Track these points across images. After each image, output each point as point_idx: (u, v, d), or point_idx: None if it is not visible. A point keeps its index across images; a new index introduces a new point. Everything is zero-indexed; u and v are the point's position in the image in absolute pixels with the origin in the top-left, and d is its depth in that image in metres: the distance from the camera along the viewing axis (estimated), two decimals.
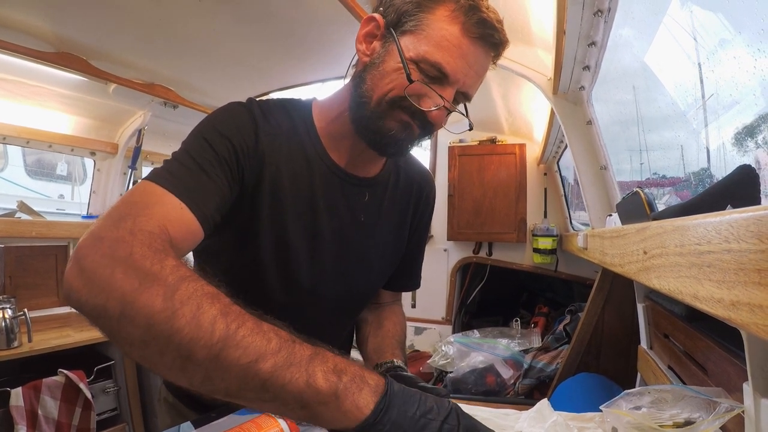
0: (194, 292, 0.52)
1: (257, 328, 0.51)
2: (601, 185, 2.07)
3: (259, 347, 0.49)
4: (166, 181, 0.68)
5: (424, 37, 0.77)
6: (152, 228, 0.60)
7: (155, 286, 0.51)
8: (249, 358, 0.49)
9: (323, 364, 0.51)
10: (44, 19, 1.88)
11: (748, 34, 1.05)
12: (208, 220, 0.71)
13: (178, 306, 0.50)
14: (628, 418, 0.78)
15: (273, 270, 0.88)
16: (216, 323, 0.49)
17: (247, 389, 0.50)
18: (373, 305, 1.16)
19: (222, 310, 0.51)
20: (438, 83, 0.79)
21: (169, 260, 0.55)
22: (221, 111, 0.84)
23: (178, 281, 0.52)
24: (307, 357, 0.51)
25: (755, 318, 0.45)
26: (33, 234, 2.49)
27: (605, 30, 1.52)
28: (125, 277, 0.51)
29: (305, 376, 0.49)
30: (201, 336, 0.49)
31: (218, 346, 0.48)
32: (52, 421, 1.95)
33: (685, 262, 0.67)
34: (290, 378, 0.49)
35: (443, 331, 3.84)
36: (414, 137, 0.85)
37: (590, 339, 2.18)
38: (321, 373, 0.50)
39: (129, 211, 0.62)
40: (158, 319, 0.49)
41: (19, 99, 2.43)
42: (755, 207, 0.49)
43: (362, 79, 0.83)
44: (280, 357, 0.50)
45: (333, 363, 0.52)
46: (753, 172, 0.78)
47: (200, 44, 2.18)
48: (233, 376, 0.49)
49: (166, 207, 0.66)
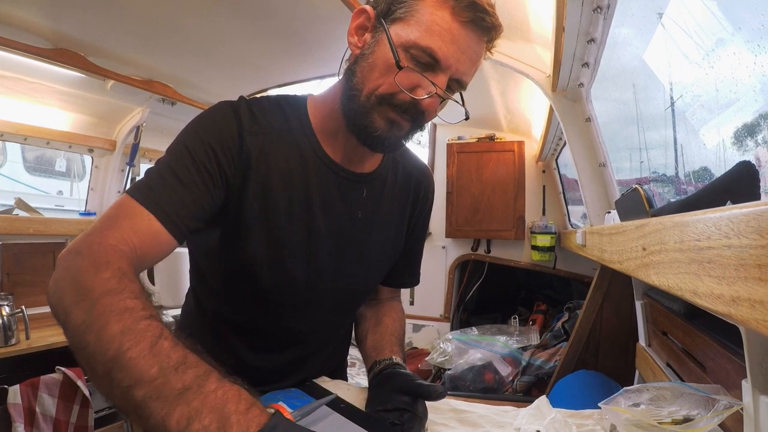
0: (108, 307, 0.54)
1: (148, 350, 0.51)
2: (599, 182, 2.07)
3: (138, 372, 0.50)
4: (140, 193, 0.72)
5: (414, 23, 0.76)
6: (112, 241, 0.65)
7: (83, 300, 0.55)
8: (127, 382, 0.50)
9: (186, 404, 0.49)
10: (42, 15, 1.87)
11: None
12: (179, 229, 0.73)
13: (91, 320, 0.53)
14: (627, 415, 0.78)
15: (266, 269, 0.87)
16: (112, 341, 0.51)
17: (128, 411, 0.51)
18: (372, 302, 1.16)
19: (124, 328, 0.52)
20: (430, 70, 0.77)
21: (104, 273, 0.58)
22: (206, 115, 0.84)
23: (100, 295, 0.55)
24: (177, 391, 0.49)
25: (755, 314, 0.45)
26: (31, 231, 2.48)
27: (604, 27, 1.51)
28: (69, 290, 0.58)
29: (163, 413, 0.48)
30: (100, 352, 0.51)
31: (110, 365, 0.50)
32: (50, 419, 1.95)
33: (685, 258, 0.67)
34: (152, 411, 0.49)
35: (441, 328, 3.85)
36: (404, 133, 0.84)
37: (588, 336, 2.19)
38: (177, 415, 0.48)
39: (101, 225, 0.68)
40: (77, 332, 0.53)
41: (17, 96, 2.41)
42: (755, 202, 0.49)
43: (353, 72, 0.82)
44: (153, 387, 0.49)
45: (198, 402, 0.49)
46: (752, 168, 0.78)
47: (198, 41, 2.17)
48: (117, 396, 0.51)
49: (134, 219, 0.69)
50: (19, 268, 2.48)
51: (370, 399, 0.90)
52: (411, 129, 0.84)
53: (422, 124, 0.85)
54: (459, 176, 3.73)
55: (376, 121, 0.80)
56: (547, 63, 1.98)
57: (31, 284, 2.50)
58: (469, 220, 3.70)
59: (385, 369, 0.93)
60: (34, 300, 2.45)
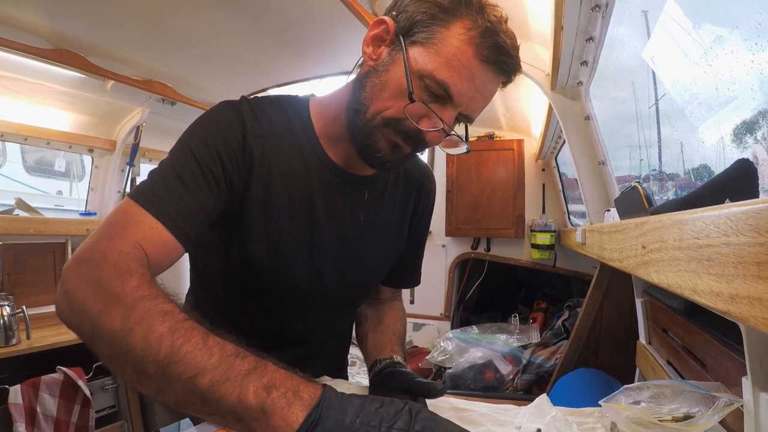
0: (147, 311, 0.56)
1: (202, 343, 0.54)
2: (599, 180, 2.07)
3: (200, 363, 0.52)
4: (145, 199, 0.71)
5: (435, 52, 0.73)
6: (126, 248, 0.65)
7: (116, 307, 0.56)
8: (189, 374, 0.52)
9: (258, 380, 0.52)
10: (42, 15, 1.87)
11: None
12: (187, 236, 0.73)
13: (132, 325, 0.54)
14: (628, 412, 0.78)
15: (267, 270, 0.87)
16: (163, 340, 0.53)
17: (191, 402, 0.53)
18: (373, 301, 1.16)
19: (171, 327, 0.54)
20: (440, 102, 0.76)
21: (132, 281, 0.59)
22: (209, 115, 0.83)
23: (135, 301, 0.57)
24: (244, 372, 0.52)
25: (754, 311, 0.45)
26: (31, 231, 2.48)
27: (603, 25, 1.51)
28: (94, 299, 0.58)
29: (237, 391, 0.51)
30: (150, 353, 0.53)
31: (164, 362, 0.52)
32: (51, 419, 1.95)
33: (684, 256, 0.67)
34: (224, 393, 0.51)
35: (442, 327, 3.85)
36: (403, 156, 0.83)
37: (589, 334, 2.19)
38: (252, 389, 0.51)
39: (108, 233, 0.67)
40: (117, 337, 0.55)
41: (16, 96, 2.41)
42: (754, 200, 0.49)
43: (362, 86, 0.80)
44: (217, 372, 0.52)
45: (269, 378, 0.52)
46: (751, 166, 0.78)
47: (198, 41, 2.17)
48: (178, 390, 0.53)
49: (143, 227, 0.69)
50: (19, 268, 2.47)
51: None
52: (411, 153, 0.83)
53: (423, 150, 0.86)
54: (459, 175, 3.73)
55: (380, 141, 0.79)
56: (546, 61, 1.98)
57: (31, 284, 2.50)
58: (469, 219, 3.70)
59: (386, 368, 0.93)
60: (35, 300, 2.45)
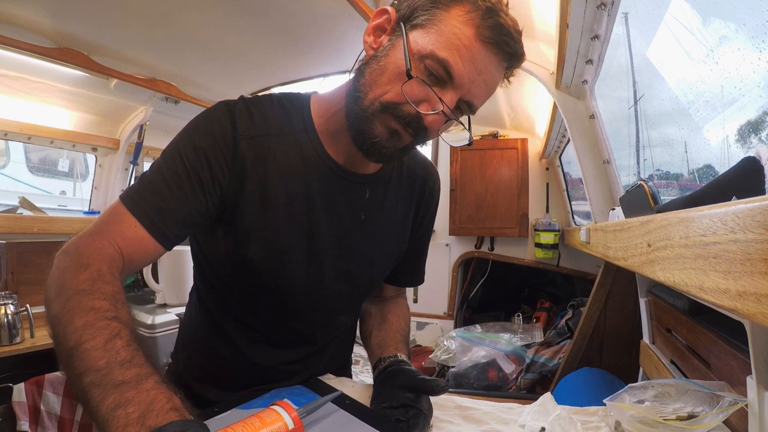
0: (77, 304, 0.61)
1: (102, 345, 0.56)
2: (603, 179, 2.07)
3: (89, 362, 0.55)
4: (129, 199, 0.76)
5: (435, 32, 0.72)
6: (100, 244, 0.71)
7: (60, 296, 0.63)
8: (79, 370, 0.55)
9: (120, 393, 0.53)
10: (45, 14, 1.87)
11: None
12: (164, 234, 0.76)
13: (62, 314, 0.60)
14: (632, 411, 0.78)
15: (266, 270, 0.86)
16: (74, 333, 0.57)
17: (78, 397, 0.56)
18: (377, 299, 1.16)
19: (86, 323, 0.58)
20: (440, 85, 0.74)
21: (83, 275, 0.65)
22: (201, 119, 0.83)
23: (73, 294, 0.62)
24: (116, 382, 0.54)
25: (762, 308, 0.45)
26: (35, 230, 2.49)
27: (608, 23, 1.51)
28: (53, 286, 0.65)
29: (99, 398, 0.52)
30: (63, 342, 0.58)
31: (69, 354, 0.57)
32: (55, 417, 1.96)
33: (690, 254, 0.67)
34: (92, 396, 0.53)
35: (445, 326, 3.85)
36: (403, 145, 0.80)
37: (592, 334, 2.18)
38: (110, 400, 0.52)
39: (93, 229, 0.74)
40: (52, 323, 0.62)
41: (20, 95, 2.42)
42: (761, 197, 0.48)
43: (362, 72, 0.79)
44: (97, 375, 0.54)
45: (132, 394, 0.53)
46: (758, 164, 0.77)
47: (202, 39, 2.17)
48: (72, 383, 0.56)
49: (121, 225, 0.74)
50: (23, 266, 2.48)
51: (375, 396, 0.90)
52: (412, 143, 0.81)
53: (424, 140, 0.82)
54: (462, 174, 3.73)
55: (377, 127, 0.77)
56: (551, 60, 1.98)
57: (35, 283, 2.51)
58: (473, 218, 3.69)
59: (390, 366, 0.93)
60: (39, 298, 2.44)
